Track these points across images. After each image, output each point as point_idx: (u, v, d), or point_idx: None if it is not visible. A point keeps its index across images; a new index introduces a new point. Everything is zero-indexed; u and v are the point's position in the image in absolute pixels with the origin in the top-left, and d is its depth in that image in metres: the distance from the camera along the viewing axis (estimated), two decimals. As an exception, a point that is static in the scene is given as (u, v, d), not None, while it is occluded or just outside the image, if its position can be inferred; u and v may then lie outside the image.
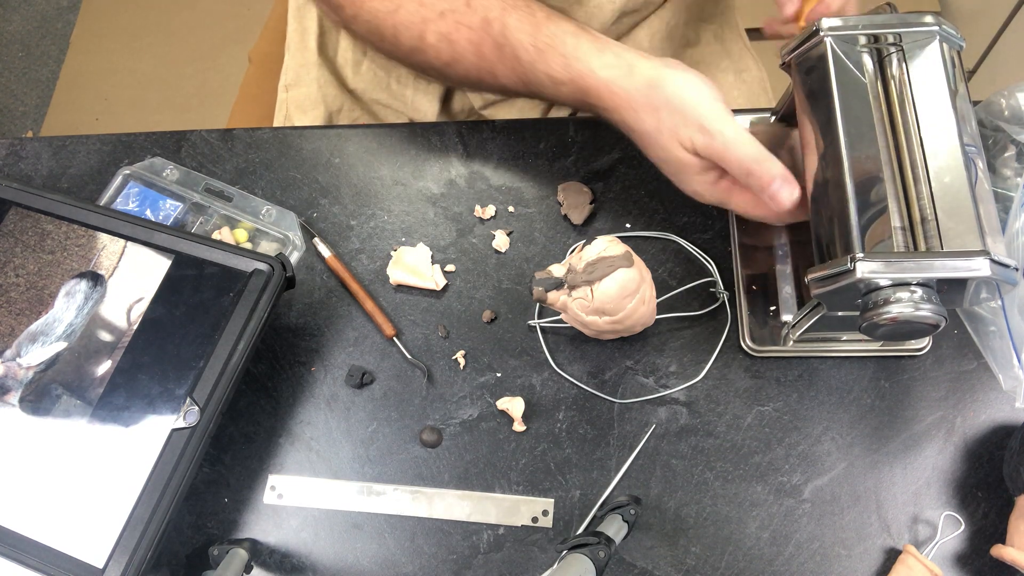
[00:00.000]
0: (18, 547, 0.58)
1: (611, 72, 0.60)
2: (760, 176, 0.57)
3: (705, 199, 0.63)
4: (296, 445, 0.66)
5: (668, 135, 0.59)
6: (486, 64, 0.64)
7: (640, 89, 0.59)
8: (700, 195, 0.63)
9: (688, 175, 0.61)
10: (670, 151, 0.60)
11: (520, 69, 0.63)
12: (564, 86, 0.62)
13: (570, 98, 0.63)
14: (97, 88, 1.97)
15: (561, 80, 0.62)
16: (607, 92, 0.60)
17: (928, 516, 0.61)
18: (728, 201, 0.62)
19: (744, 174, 0.57)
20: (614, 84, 0.60)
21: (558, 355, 0.67)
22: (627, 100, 0.60)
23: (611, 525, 0.57)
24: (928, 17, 0.59)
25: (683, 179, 0.62)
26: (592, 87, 0.61)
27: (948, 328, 0.66)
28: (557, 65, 0.61)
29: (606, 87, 0.60)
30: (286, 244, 0.72)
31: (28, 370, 0.63)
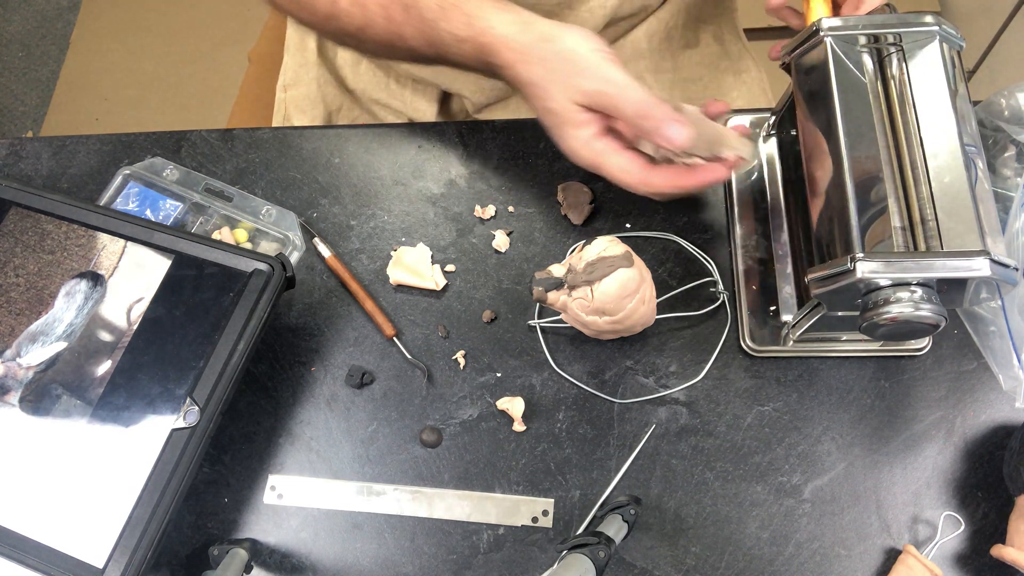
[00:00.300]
0: (18, 547, 0.58)
1: (509, 28, 0.61)
2: (655, 116, 0.57)
3: (580, 157, 0.62)
4: (296, 445, 0.66)
5: (557, 85, 0.60)
6: (394, 27, 0.65)
7: (534, 43, 0.61)
8: (575, 152, 0.62)
9: (568, 128, 0.62)
10: (557, 100, 0.60)
11: (425, 29, 0.64)
12: (465, 44, 0.63)
13: (471, 57, 0.64)
14: (97, 88, 1.97)
15: (463, 38, 0.63)
16: (504, 48, 0.61)
17: (928, 516, 0.61)
18: (602, 163, 0.62)
19: (639, 116, 0.58)
20: (511, 39, 0.61)
21: (558, 355, 0.67)
22: (521, 54, 0.61)
23: (611, 525, 0.57)
24: (928, 17, 0.59)
25: (562, 133, 0.62)
26: (490, 43, 0.62)
27: (948, 328, 0.66)
28: (459, 23, 0.63)
29: (503, 42, 0.61)
30: (286, 244, 0.72)
31: (28, 370, 0.63)
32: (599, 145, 0.61)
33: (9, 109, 1.97)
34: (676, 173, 0.61)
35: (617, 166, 0.61)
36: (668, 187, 0.61)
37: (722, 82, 0.93)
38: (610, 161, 0.61)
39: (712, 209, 0.72)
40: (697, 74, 0.92)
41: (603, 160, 0.62)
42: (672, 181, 0.61)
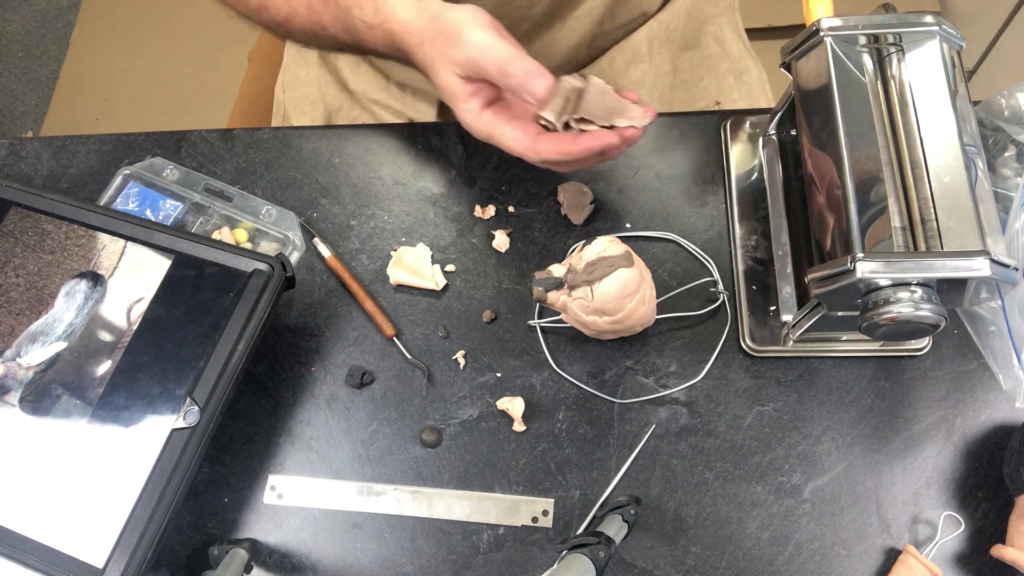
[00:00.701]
0: (18, 547, 0.58)
1: (408, 13, 0.62)
2: (515, 72, 0.58)
3: (474, 130, 0.63)
4: (296, 445, 0.66)
5: (442, 61, 0.61)
6: (316, 16, 0.67)
7: (426, 23, 0.62)
8: (469, 126, 0.63)
9: (459, 103, 0.62)
10: (444, 76, 0.61)
11: (342, 17, 0.65)
12: (375, 31, 0.64)
13: (383, 44, 0.65)
14: (97, 88, 1.97)
15: (372, 25, 0.64)
16: (405, 33, 0.62)
17: (928, 516, 0.61)
18: (494, 134, 0.62)
19: (502, 74, 0.58)
20: (410, 24, 0.62)
21: (558, 355, 0.67)
22: (418, 36, 0.62)
23: (611, 525, 0.57)
24: (928, 17, 0.59)
25: (456, 108, 0.63)
26: (395, 30, 0.63)
27: (948, 328, 0.66)
28: (369, 10, 0.64)
29: (404, 28, 0.62)
30: (286, 244, 0.72)
31: (28, 370, 0.63)
32: (487, 116, 0.62)
33: (9, 109, 1.97)
34: (563, 140, 0.61)
35: (508, 136, 0.62)
36: (555, 154, 0.61)
37: (723, 83, 0.93)
38: (500, 132, 0.62)
39: (712, 209, 0.72)
40: (698, 76, 0.92)
41: (494, 131, 0.62)
42: (559, 148, 0.61)
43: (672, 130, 0.75)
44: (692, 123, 0.75)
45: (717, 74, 0.93)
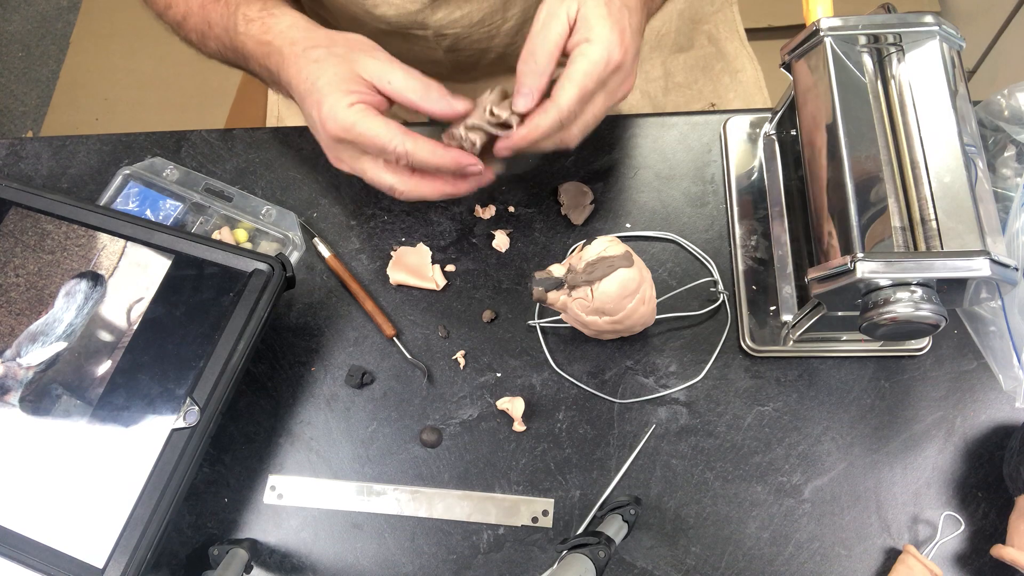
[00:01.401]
0: (18, 547, 0.58)
1: (296, 16, 0.63)
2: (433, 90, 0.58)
3: (336, 121, 0.59)
4: (296, 445, 0.66)
5: (335, 59, 0.60)
6: (205, 13, 0.67)
7: (323, 31, 0.63)
8: (333, 116, 0.59)
9: (329, 94, 0.59)
10: (329, 70, 0.60)
11: (227, 15, 0.65)
12: (253, 24, 0.64)
13: (252, 41, 0.64)
14: (97, 88, 1.97)
15: (252, 18, 0.64)
16: (291, 26, 0.63)
17: (928, 516, 0.61)
18: (358, 123, 0.58)
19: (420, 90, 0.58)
20: (299, 22, 0.63)
21: (558, 355, 0.67)
22: (306, 32, 0.62)
23: (611, 525, 0.57)
24: (928, 17, 0.60)
25: (321, 101, 0.60)
26: (273, 26, 0.63)
27: (948, 328, 0.66)
28: (256, 7, 0.64)
29: (291, 22, 0.63)
30: (286, 244, 0.72)
31: (28, 370, 0.63)
32: (360, 107, 0.60)
33: (9, 109, 1.97)
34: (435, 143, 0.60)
35: (378, 124, 0.59)
36: (425, 152, 0.59)
37: (718, 83, 0.93)
38: (369, 121, 0.59)
39: (712, 209, 0.72)
40: (691, 78, 0.92)
41: (360, 119, 0.59)
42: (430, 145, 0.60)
43: (672, 130, 0.75)
44: (692, 123, 0.75)
45: (711, 75, 0.93)
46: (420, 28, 0.77)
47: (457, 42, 0.79)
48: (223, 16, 0.66)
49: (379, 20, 0.76)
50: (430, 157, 0.59)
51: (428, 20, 0.75)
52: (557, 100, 0.58)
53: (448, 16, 0.75)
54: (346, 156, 0.62)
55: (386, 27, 0.77)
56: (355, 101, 0.58)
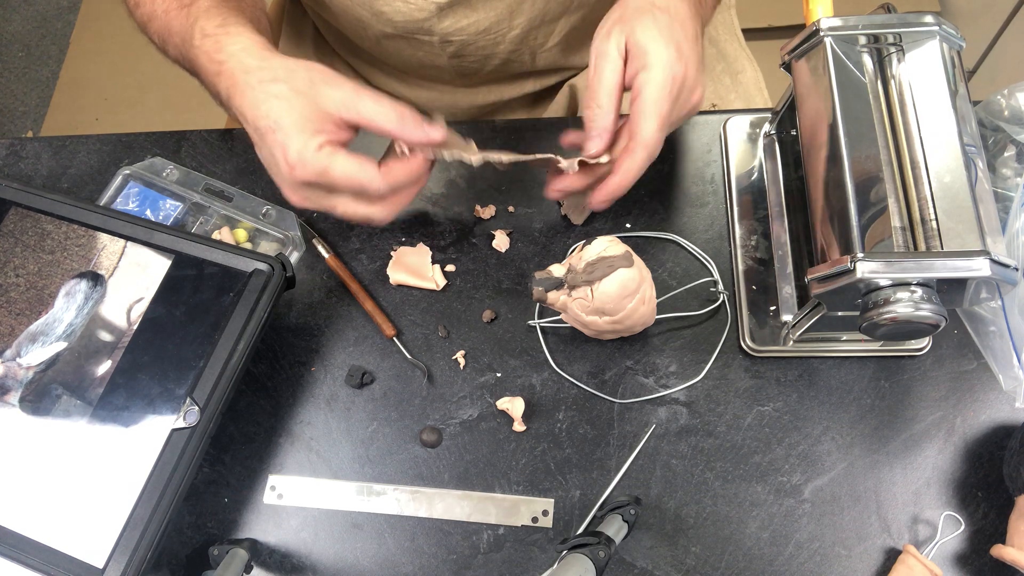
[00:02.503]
0: (18, 547, 0.58)
1: (256, 38, 0.60)
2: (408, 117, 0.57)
3: (305, 165, 0.57)
4: (296, 445, 0.66)
5: (297, 94, 0.58)
6: (167, 19, 0.66)
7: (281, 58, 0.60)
8: (301, 162, 0.57)
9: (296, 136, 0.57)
10: (293, 106, 0.57)
11: (187, 25, 0.63)
12: (208, 39, 0.61)
13: (205, 57, 0.61)
14: (97, 88, 1.97)
15: (208, 33, 0.61)
16: (244, 52, 0.60)
17: (928, 516, 0.61)
18: (331, 167, 0.57)
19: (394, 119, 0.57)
20: (256, 45, 0.60)
21: (558, 355, 0.67)
22: (261, 59, 0.59)
23: (611, 525, 0.57)
24: (928, 17, 0.60)
25: (287, 142, 0.57)
26: (228, 46, 0.60)
27: (948, 328, 0.66)
28: (214, 22, 0.61)
29: (247, 43, 0.60)
30: (286, 244, 0.72)
31: (28, 370, 0.63)
32: (328, 149, 0.58)
33: (9, 109, 1.97)
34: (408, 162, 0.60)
35: (351, 166, 0.58)
36: (404, 174, 0.60)
37: (718, 84, 0.93)
38: (340, 163, 0.58)
39: (712, 209, 0.72)
40: None
41: (332, 163, 0.57)
42: (407, 167, 0.60)
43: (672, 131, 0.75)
44: (692, 123, 0.75)
45: (713, 75, 0.93)
46: (426, 34, 0.76)
47: (462, 48, 0.79)
48: (182, 25, 0.64)
49: (385, 24, 0.76)
50: (407, 179, 0.59)
51: (435, 27, 0.75)
52: (641, 137, 0.58)
53: (455, 24, 0.75)
54: (313, 196, 0.60)
55: (391, 31, 0.77)
56: (323, 142, 0.56)
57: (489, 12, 0.75)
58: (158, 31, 0.68)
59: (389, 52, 0.82)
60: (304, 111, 0.56)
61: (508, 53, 0.81)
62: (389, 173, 0.58)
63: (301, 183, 0.58)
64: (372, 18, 0.75)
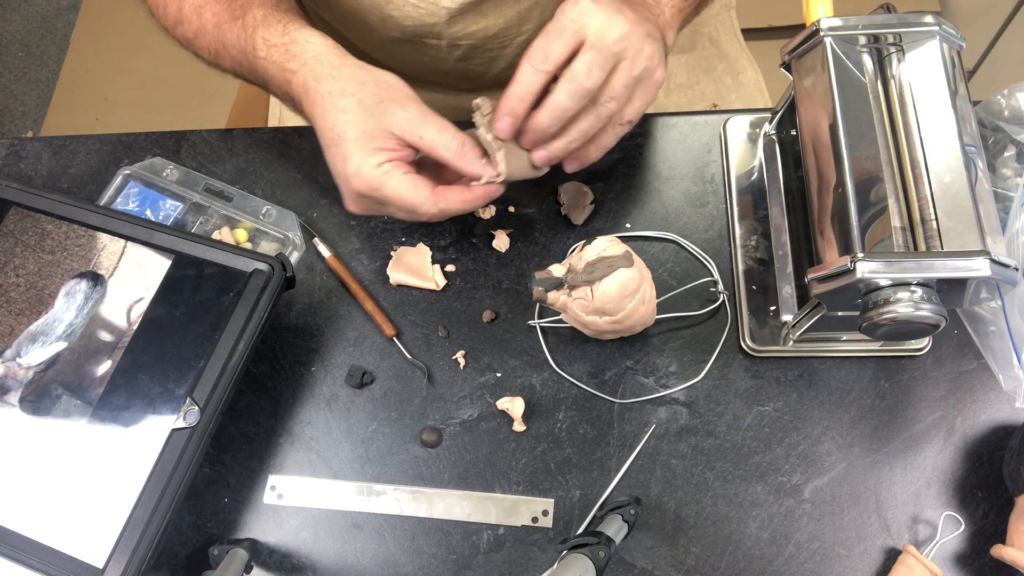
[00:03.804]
0: (18, 547, 0.58)
1: (324, 43, 0.61)
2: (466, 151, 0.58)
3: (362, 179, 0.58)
4: (296, 445, 0.66)
5: (364, 109, 0.59)
6: (220, 33, 0.66)
7: (352, 64, 0.60)
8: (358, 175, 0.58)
9: (356, 151, 0.59)
10: (357, 121, 0.59)
11: (244, 36, 0.64)
12: (274, 49, 0.62)
13: (273, 66, 0.62)
14: (97, 88, 1.97)
15: (273, 43, 0.62)
16: (315, 60, 0.60)
17: (928, 516, 0.61)
18: (386, 184, 0.58)
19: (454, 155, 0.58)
20: (325, 52, 0.60)
21: (558, 355, 0.67)
22: (332, 68, 0.60)
23: (611, 525, 0.57)
24: (928, 17, 0.60)
25: (347, 155, 0.59)
26: (297, 52, 0.61)
27: (948, 328, 0.66)
28: (275, 31, 0.62)
29: (318, 51, 0.61)
30: (286, 244, 0.72)
31: (28, 370, 0.63)
32: (387, 166, 0.59)
33: (9, 109, 1.97)
34: (463, 190, 0.61)
35: (405, 185, 0.59)
36: (459, 203, 0.60)
37: (720, 84, 0.93)
38: (395, 181, 0.59)
39: (712, 209, 0.72)
40: (694, 78, 0.92)
41: (387, 180, 0.59)
42: (462, 196, 0.60)
43: (672, 130, 0.75)
44: (692, 123, 0.75)
45: (714, 76, 0.93)
46: (435, 38, 0.76)
47: (469, 52, 0.79)
48: (239, 38, 0.64)
49: (392, 29, 0.76)
50: (461, 207, 0.60)
51: (444, 31, 0.75)
52: (568, 73, 0.56)
53: (464, 28, 0.75)
54: (369, 205, 0.62)
55: (399, 36, 0.76)
56: (383, 161, 0.58)
57: (499, 18, 0.75)
58: (208, 46, 0.68)
59: (393, 56, 0.82)
60: (368, 128, 0.58)
61: (514, 57, 0.81)
62: (442, 199, 0.59)
63: (357, 194, 0.60)
64: (380, 22, 0.75)
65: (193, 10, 0.67)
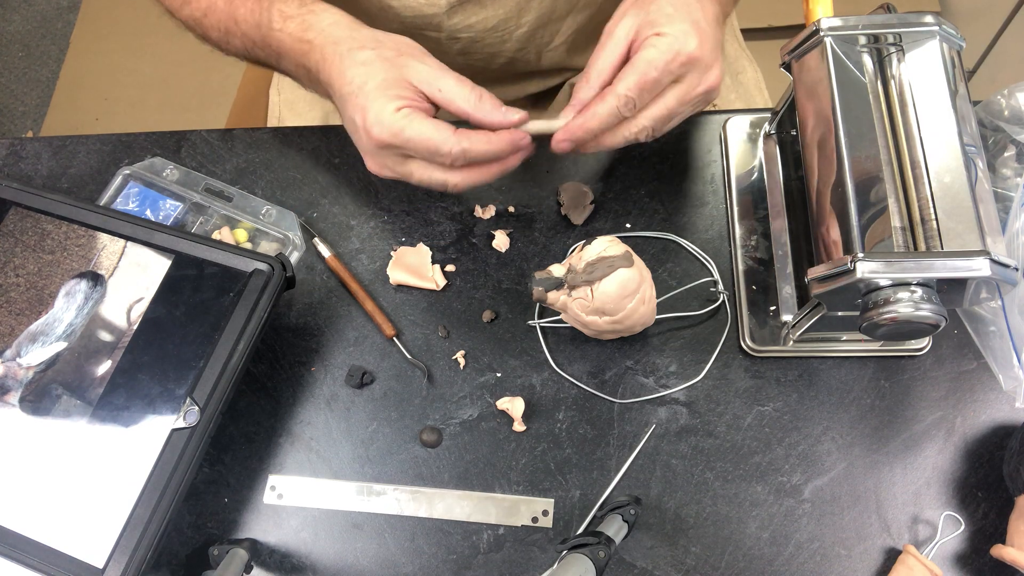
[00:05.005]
0: (18, 547, 0.58)
1: (338, 15, 0.61)
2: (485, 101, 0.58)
3: (384, 126, 0.58)
4: (296, 445, 0.66)
5: (384, 61, 0.59)
6: (231, 9, 0.66)
7: (367, 31, 0.61)
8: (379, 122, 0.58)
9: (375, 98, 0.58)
10: (376, 72, 0.59)
11: (257, 10, 0.64)
12: (291, 21, 0.62)
13: (289, 38, 0.62)
14: (97, 88, 1.97)
15: (289, 15, 0.62)
16: (334, 24, 0.61)
17: (928, 516, 0.61)
18: (406, 128, 0.57)
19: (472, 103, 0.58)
20: (342, 21, 0.61)
21: (558, 355, 0.67)
22: (351, 30, 0.61)
23: (611, 525, 0.57)
24: (928, 17, 0.60)
25: (367, 105, 0.58)
26: (314, 23, 0.61)
27: (948, 328, 0.66)
28: (293, 3, 0.62)
29: (333, 19, 0.61)
30: (286, 244, 0.72)
31: (28, 370, 0.63)
32: (406, 111, 0.59)
33: (9, 109, 1.97)
34: (485, 132, 0.60)
35: (428, 127, 0.58)
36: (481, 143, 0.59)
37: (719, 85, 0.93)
38: (418, 124, 0.58)
39: (712, 209, 0.72)
40: None
41: (408, 124, 0.58)
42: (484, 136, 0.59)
43: (672, 130, 0.75)
44: (692, 123, 0.75)
45: None
46: (434, 30, 0.76)
47: (469, 46, 0.79)
48: (254, 12, 0.64)
49: (391, 20, 0.76)
50: (487, 148, 0.58)
51: (443, 23, 0.75)
52: (615, 87, 0.57)
53: (464, 20, 0.75)
54: (390, 162, 0.61)
55: (399, 27, 0.76)
56: (402, 106, 0.57)
57: (498, 9, 0.75)
58: (218, 24, 0.67)
59: None
60: (387, 76, 0.57)
61: (514, 51, 0.81)
62: (466, 137, 0.58)
63: (377, 146, 0.59)
64: (379, 12, 0.75)
65: None
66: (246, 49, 0.68)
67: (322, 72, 0.61)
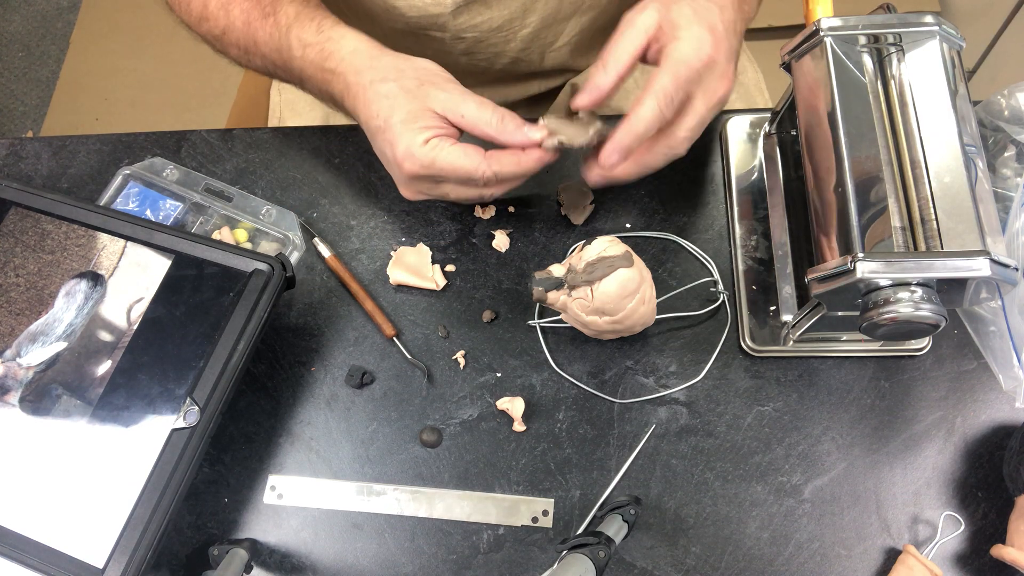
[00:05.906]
0: (18, 547, 0.58)
1: (359, 39, 0.62)
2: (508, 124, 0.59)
3: (415, 160, 0.60)
4: (296, 445, 0.66)
5: (405, 93, 0.60)
6: (251, 31, 0.66)
7: (390, 56, 0.62)
8: (410, 155, 0.60)
9: (403, 132, 0.60)
10: (400, 104, 0.60)
11: (276, 35, 0.65)
12: (310, 48, 0.63)
13: (311, 65, 0.63)
14: (97, 88, 1.97)
15: (308, 43, 0.63)
16: (353, 53, 0.62)
17: (928, 516, 0.61)
18: (438, 158, 0.59)
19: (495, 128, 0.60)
20: (361, 48, 0.62)
21: (558, 355, 0.67)
22: (372, 60, 0.61)
23: (611, 525, 0.57)
24: (928, 17, 0.60)
25: (396, 138, 0.60)
26: (334, 51, 0.62)
27: (948, 328, 0.66)
28: (310, 29, 0.63)
29: (354, 47, 0.62)
30: (286, 244, 0.72)
31: (28, 370, 0.63)
32: (434, 141, 0.60)
33: (9, 109, 1.97)
34: (515, 152, 0.61)
35: (457, 154, 0.60)
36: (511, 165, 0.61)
37: None
38: (447, 152, 0.60)
39: (712, 209, 0.72)
40: None
41: (439, 154, 0.60)
42: (514, 157, 0.61)
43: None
44: (692, 123, 0.75)
45: None
46: (439, 30, 0.76)
47: (473, 46, 0.79)
48: (273, 37, 0.65)
49: (396, 20, 0.76)
50: (516, 169, 0.61)
51: (448, 23, 0.75)
52: (651, 87, 0.57)
53: (469, 20, 0.75)
54: (424, 187, 0.63)
55: (403, 27, 0.76)
56: (429, 137, 0.59)
57: (503, 10, 0.75)
58: (237, 43, 0.68)
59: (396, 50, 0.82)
60: (412, 109, 0.59)
61: (518, 52, 0.81)
62: (496, 161, 0.60)
63: (410, 178, 0.61)
64: (384, 13, 0.75)
65: (219, 6, 0.67)
66: (267, 69, 0.69)
67: (347, 101, 0.62)
